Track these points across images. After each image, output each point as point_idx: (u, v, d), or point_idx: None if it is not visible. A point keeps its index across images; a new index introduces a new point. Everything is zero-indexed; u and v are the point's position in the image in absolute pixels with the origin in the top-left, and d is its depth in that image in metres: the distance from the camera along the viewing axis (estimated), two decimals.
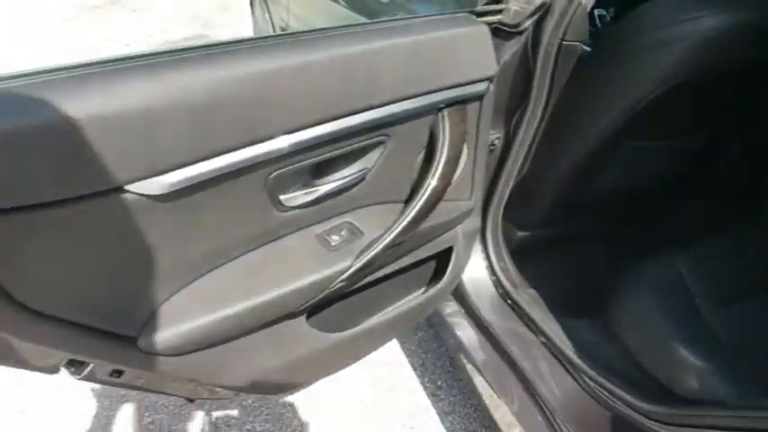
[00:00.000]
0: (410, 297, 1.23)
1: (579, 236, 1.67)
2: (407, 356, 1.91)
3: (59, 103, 0.61)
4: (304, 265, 0.91)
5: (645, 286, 1.33)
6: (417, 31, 0.91)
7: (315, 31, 0.84)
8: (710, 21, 1.15)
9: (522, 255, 1.50)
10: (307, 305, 0.94)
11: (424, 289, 1.26)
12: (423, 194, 0.97)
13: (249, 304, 0.85)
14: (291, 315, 0.95)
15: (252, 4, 4.16)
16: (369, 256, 0.94)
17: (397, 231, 0.96)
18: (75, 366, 0.79)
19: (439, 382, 1.82)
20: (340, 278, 0.93)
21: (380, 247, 0.95)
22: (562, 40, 1.11)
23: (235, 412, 1.68)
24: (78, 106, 0.61)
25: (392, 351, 1.91)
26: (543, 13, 1.08)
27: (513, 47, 1.15)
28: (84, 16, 5.27)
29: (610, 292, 1.35)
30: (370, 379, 1.80)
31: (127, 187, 0.67)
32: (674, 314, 1.25)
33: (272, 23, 3.02)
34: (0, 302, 0.65)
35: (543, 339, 1.31)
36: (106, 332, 0.76)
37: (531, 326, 1.35)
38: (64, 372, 0.81)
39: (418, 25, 0.92)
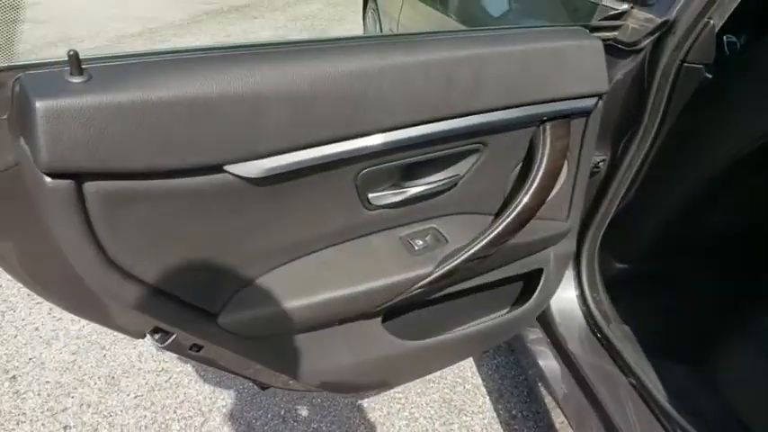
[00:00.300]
0: (492, 316, 1.18)
1: (686, 276, 1.53)
2: (483, 380, 1.84)
3: (169, 82, 0.65)
4: (385, 265, 0.91)
5: (755, 342, 1.19)
6: (525, 41, 0.88)
7: (419, 34, 0.84)
8: None
9: (618, 288, 1.40)
10: (383, 306, 0.93)
11: (508, 309, 1.21)
12: (514, 209, 0.94)
13: (328, 297, 0.86)
14: (368, 315, 0.94)
15: (364, 18, 4.29)
16: (450, 266, 0.92)
17: (482, 244, 0.92)
18: (160, 334, 0.84)
19: (514, 411, 1.73)
20: (419, 284, 0.91)
21: (463, 257, 0.92)
22: (683, 61, 1.03)
23: (304, 409, 1.70)
24: (186, 86, 0.65)
25: (467, 372, 1.85)
26: (664, 31, 1.01)
27: (627, 65, 1.08)
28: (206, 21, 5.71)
29: (714, 342, 1.22)
30: (442, 398, 1.76)
31: (226, 167, 0.70)
32: None
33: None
34: (97, 259, 0.69)
35: (633, 380, 1.21)
36: (190, 305, 0.80)
37: (621, 364, 1.25)
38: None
39: (527, 35, 0.90)
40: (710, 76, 1.09)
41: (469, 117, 0.84)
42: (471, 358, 1.91)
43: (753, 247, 1.47)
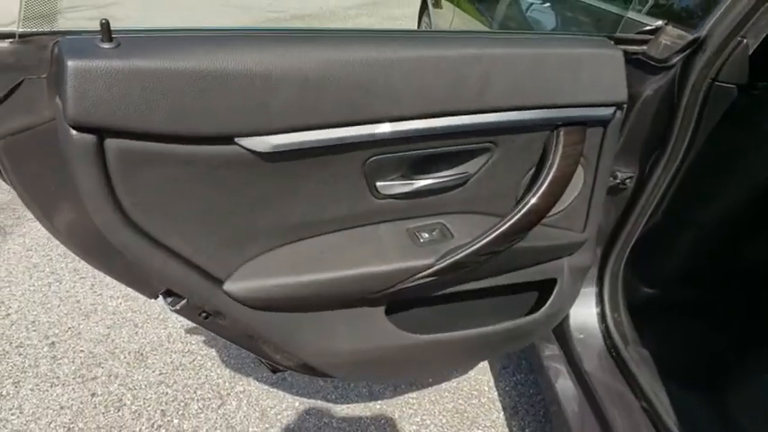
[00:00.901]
0: (502, 322, 1.18)
1: (712, 305, 1.47)
2: (500, 395, 1.82)
3: (188, 55, 0.71)
4: (388, 252, 0.93)
5: None
6: (540, 45, 0.89)
7: (437, 32, 0.87)
8: None
9: (641, 310, 1.36)
10: (382, 293, 0.95)
11: (519, 317, 1.21)
12: (519, 210, 0.94)
13: (328, 276, 0.89)
14: (369, 302, 0.97)
15: (419, 23, 4.36)
16: (452, 260, 0.93)
17: (485, 241, 0.93)
18: (173, 298, 0.89)
19: (527, 430, 1.70)
20: (420, 274, 0.93)
21: (466, 252, 0.93)
22: (714, 80, 1.01)
23: (318, 403, 1.73)
24: (203, 60, 0.71)
25: (485, 386, 1.84)
26: (695, 48, 0.99)
27: (657, 81, 1.07)
28: None
29: (733, 372, 1.17)
30: (455, 408, 1.75)
31: (236, 140, 0.75)
32: None
33: None
34: (113, 212, 0.75)
35: (645, 405, 1.18)
36: (198, 267, 0.84)
37: (635, 388, 1.22)
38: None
39: (544, 39, 0.91)
40: (745, 96, 1.06)
41: (479, 115, 0.86)
42: (490, 373, 1.89)
43: None
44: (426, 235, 0.96)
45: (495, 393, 1.82)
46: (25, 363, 1.77)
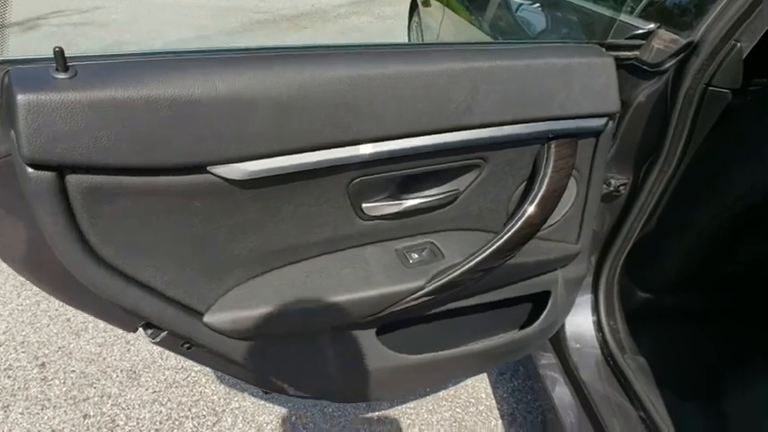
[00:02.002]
0: (497, 336, 1.16)
1: (711, 310, 1.45)
2: (497, 402, 1.80)
3: (152, 82, 0.66)
4: (377, 276, 0.90)
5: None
6: (530, 56, 0.86)
7: (421, 45, 0.83)
8: None
9: (637, 318, 1.35)
10: (372, 318, 0.92)
11: (514, 331, 1.18)
12: (512, 226, 0.91)
13: (315, 304, 0.86)
14: (358, 325, 0.94)
15: (409, 31, 4.33)
16: (443, 281, 0.90)
17: (476, 260, 0.91)
18: (153, 330, 0.86)
19: None
20: (410, 297, 0.90)
21: (457, 273, 0.90)
22: (708, 84, 0.98)
23: (315, 417, 1.71)
24: (169, 86, 0.67)
25: (482, 393, 1.82)
26: (688, 53, 0.97)
27: (650, 87, 1.05)
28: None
29: (731, 380, 1.15)
30: (453, 417, 1.73)
31: (209, 168, 0.71)
32: None
33: None
34: (80, 251, 0.71)
35: (643, 414, 1.16)
36: (175, 301, 0.81)
37: (632, 396, 1.20)
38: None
39: (534, 50, 0.88)
40: (739, 98, 1.04)
41: (466, 132, 0.82)
42: (487, 380, 1.87)
43: None
44: (416, 255, 0.94)
45: (493, 401, 1.80)
46: (15, 385, 1.74)
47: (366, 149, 0.78)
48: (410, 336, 1.05)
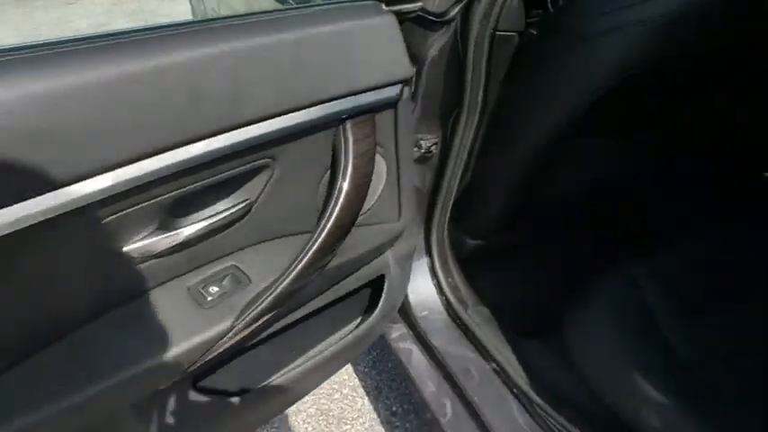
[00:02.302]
0: (339, 335, 1.05)
1: (534, 243, 1.51)
2: (360, 380, 1.75)
3: None
4: (166, 331, 0.70)
5: (601, 302, 1.18)
6: (301, 24, 0.71)
7: (158, 27, 0.62)
8: (659, 6, 0.99)
9: (474, 266, 1.34)
10: (172, 383, 0.74)
11: (356, 323, 1.09)
12: (321, 230, 0.79)
13: (84, 394, 0.64)
14: (162, 393, 0.74)
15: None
16: (255, 312, 0.75)
17: (288, 280, 0.77)
18: None
19: (394, 408, 1.66)
20: (218, 343, 0.73)
21: (269, 299, 0.76)
22: (495, 30, 0.94)
23: None
24: None
25: (344, 375, 1.75)
26: None
27: (440, 39, 0.98)
28: None
29: (566, 310, 1.19)
30: (319, 410, 1.64)
31: None
32: (632, 337, 1.10)
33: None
34: None
35: (495, 366, 1.16)
36: None
37: (481, 350, 1.20)
38: None
39: (305, 17, 0.73)
40: (525, 43, 1.02)
41: (238, 131, 0.65)
42: None
43: (589, 207, 1.48)
44: (215, 289, 0.75)
45: (356, 379, 1.74)
46: None
47: (105, 181, 0.56)
48: (242, 368, 0.89)
